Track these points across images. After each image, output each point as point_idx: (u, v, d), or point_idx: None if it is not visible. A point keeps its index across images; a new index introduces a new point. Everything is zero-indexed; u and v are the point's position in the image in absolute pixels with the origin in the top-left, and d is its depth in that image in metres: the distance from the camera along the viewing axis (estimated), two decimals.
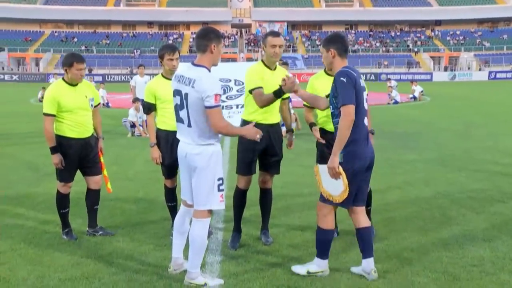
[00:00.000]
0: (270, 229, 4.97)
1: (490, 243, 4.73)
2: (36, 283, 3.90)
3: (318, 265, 4.00)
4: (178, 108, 3.81)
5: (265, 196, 4.87)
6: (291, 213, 5.76)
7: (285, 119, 5.02)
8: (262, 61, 4.70)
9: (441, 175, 7.86)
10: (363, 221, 4.00)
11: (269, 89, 4.44)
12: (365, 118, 3.94)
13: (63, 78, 4.85)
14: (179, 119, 3.83)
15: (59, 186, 5.00)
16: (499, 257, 4.37)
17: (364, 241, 3.98)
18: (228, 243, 4.72)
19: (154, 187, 6.98)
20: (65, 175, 4.92)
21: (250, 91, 4.55)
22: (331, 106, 3.96)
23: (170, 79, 4.61)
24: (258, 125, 4.57)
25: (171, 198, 5.05)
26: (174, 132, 4.61)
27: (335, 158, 3.77)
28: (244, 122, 4.66)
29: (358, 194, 3.93)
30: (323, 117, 4.72)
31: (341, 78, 3.79)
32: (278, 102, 4.72)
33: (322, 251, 4.01)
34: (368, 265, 3.95)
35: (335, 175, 3.78)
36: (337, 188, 3.82)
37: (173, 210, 4.98)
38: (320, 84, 4.70)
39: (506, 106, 21.35)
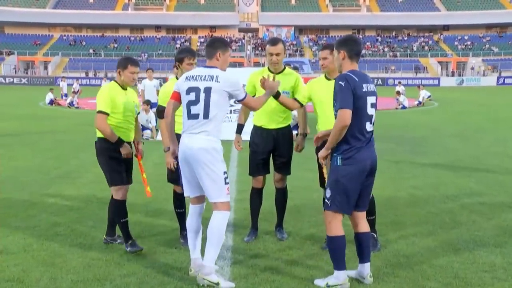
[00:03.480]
0: None
1: (501, 249, 4.71)
2: (49, 284, 3.93)
3: (336, 278, 3.87)
4: (190, 104, 3.96)
5: (279, 195, 5.13)
6: (301, 217, 5.77)
7: (299, 123, 5.07)
8: (268, 66, 4.98)
9: (450, 180, 7.84)
10: (363, 226, 4.02)
11: None
12: (368, 123, 3.87)
13: (115, 80, 4.80)
14: (190, 116, 3.97)
15: (113, 192, 4.71)
16: (511, 263, 4.35)
17: (362, 246, 4.00)
18: (244, 238, 4.95)
19: (163, 190, 7.00)
20: (115, 176, 4.68)
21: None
22: (334, 109, 3.90)
23: None
24: (264, 129, 4.83)
25: (180, 204, 5.03)
26: None
27: (326, 151, 3.90)
28: (254, 127, 4.98)
29: (359, 200, 3.93)
30: (323, 122, 4.73)
31: (340, 82, 3.78)
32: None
33: (336, 261, 3.88)
34: (365, 269, 3.98)
35: (321, 163, 4.02)
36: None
37: (182, 217, 5.02)
38: (319, 89, 4.73)
39: None
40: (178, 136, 4.89)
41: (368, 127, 3.87)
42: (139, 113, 5.08)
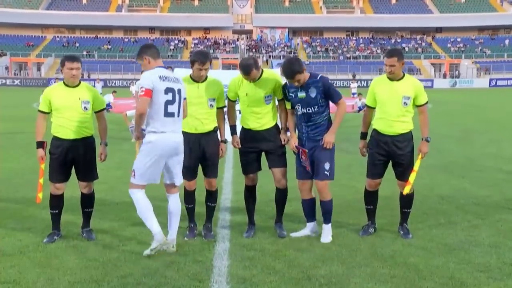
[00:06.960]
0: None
1: (496, 249, 4.74)
2: (46, 285, 3.92)
3: (310, 229, 5.16)
4: (168, 104, 4.45)
5: (279, 195, 5.25)
6: (297, 218, 5.77)
7: (281, 119, 5.19)
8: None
9: (445, 181, 7.88)
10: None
11: (250, 96, 4.96)
12: None
13: (63, 80, 5.04)
14: (167, 114, 4.46)
15: (50, 185, 5.01)
16: (506, 263, 4.39)
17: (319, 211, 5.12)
18: (244, 233, 5.15)
19: (160, 191, 6.96)
20: (51, 173, 4.95)
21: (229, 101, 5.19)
22: (316, 106, 4.80)
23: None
24: (254, 131, 5.02)
25: (190, 200, 5.20)
26: (194, 135, 4.98)
27: (333, 135, 4.85)
28: (243, 129, 5.14)
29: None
30: (379, 118, 4.96)
31: (330, 81, 4.85)
32: (273, 108, 5.10)
33: (307, 216, 5.19)
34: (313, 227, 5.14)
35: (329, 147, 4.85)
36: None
37: (191, 212, 5.22)
38: (382, 89, 4.97)
39: (508, 113, 21.41)
40: (187, 135, 4.92)
41: None
42: (101, 110, 5.12)
